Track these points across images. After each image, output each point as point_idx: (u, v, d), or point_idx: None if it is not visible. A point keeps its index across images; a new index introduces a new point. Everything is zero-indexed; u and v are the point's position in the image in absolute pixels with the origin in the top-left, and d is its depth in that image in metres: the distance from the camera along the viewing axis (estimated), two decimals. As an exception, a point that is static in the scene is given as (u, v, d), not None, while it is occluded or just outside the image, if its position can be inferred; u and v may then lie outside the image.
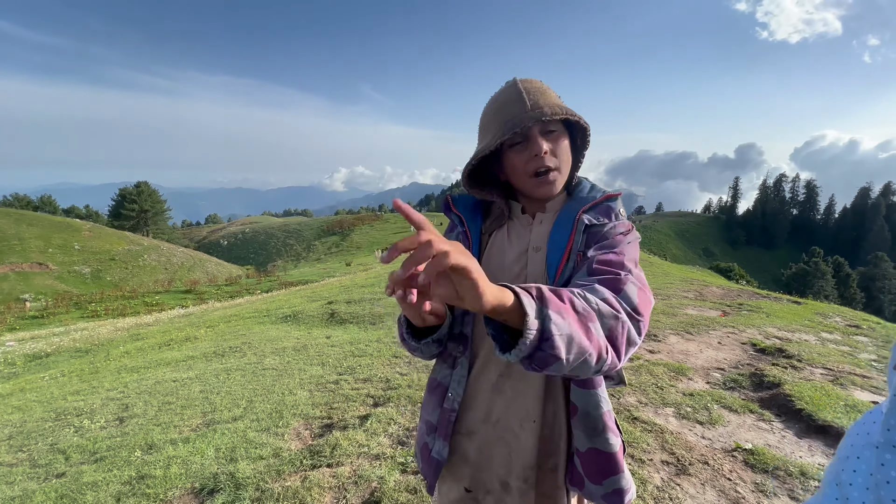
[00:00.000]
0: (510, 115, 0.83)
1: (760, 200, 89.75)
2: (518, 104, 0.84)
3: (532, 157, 0.85)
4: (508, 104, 0.85)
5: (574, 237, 0.86)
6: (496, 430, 0.91)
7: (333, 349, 4.86)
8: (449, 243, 0.50)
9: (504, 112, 0.85)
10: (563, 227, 0.89)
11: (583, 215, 0.88)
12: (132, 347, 7.22)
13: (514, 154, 0.87)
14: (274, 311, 8.68)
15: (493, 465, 0.92)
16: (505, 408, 0.90)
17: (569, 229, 0.88)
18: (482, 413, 0.91)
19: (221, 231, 67.95)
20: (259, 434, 2.73)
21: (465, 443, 0.94)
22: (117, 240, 34.21)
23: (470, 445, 0.93)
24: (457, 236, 0.98)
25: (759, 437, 2.59)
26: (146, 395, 3.93)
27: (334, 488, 2.09)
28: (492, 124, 0.87)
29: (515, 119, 0.82)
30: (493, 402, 0.91)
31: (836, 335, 5.11)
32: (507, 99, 0.86)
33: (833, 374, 3.56)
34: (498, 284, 0.57)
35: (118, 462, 2.54)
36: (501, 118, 0.85)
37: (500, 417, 0.91)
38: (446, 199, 1.00)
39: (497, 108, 0.87)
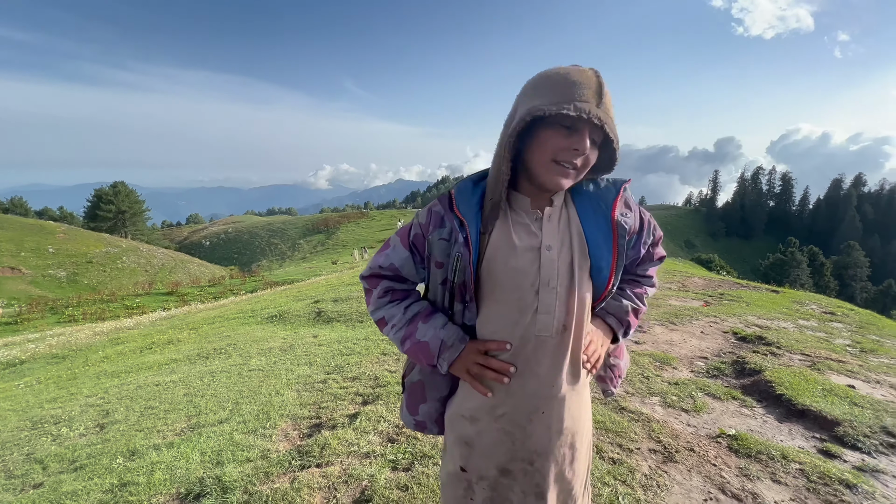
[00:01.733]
0: (581, 96, 0.79)
1: (739, 193, 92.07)
2: (593, 94, 0.80)
3: (569, 148, 0.82)
4: (583, 87, 0.80)
5: (618, 244, 0.91)
6: (499, 423, 0.93)
7: (321, 348, 4.81)
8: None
9: (576, 90, 0.79)
10: (597, 228, 0.91)
11: (620, 216, 0.92)
12: (112, 352, 7.02)
13: (551, 132, 0.82)
14: (259, 311, 8.54)
15: (494, 453, 0.93)
16: (513, 406, 0.92)
17: (605, 232, 0.91)
18: (488, 405, 0.93)
19: (203, 231, 66.50)
20: (246, 436, 2.68)
21: (466, 426, 0.95)
22: (94, 242, 33.18)
23: (471, 429, 0.95)
24: (450, 241, 0.91)
25: (742, 422, 2.66)
26: (127, 400, 3.83)
27: (324, 488, 2.06)
28: (555, 90, 0.80)
29: (585, 105, 0.78)
30: (500, 398, 0.92)
31: (812, 322, 5.27)
32: (584, 81, 0.81)
33: (810, 359, 3.67)
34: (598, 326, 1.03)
35: (99, 470, 2.47)
36: (571, 92, 0.79)
37: (507, 412, 0.92)
38: (448, 197, 0.93)
39: (569, 82, 0.80)
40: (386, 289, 0.99)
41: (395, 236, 1.00)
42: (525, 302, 0.87)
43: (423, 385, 1.03)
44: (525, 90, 0.85)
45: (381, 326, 1.01)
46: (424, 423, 1.06)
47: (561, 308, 0.88)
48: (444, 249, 0.91)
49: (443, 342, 0.92)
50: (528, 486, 0.93)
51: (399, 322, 0.96)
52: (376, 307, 1.00)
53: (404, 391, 1.10)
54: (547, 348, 0.88)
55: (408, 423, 1.09)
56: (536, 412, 0.90)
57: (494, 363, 0.88)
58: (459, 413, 0.97)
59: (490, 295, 0.90)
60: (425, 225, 0.95)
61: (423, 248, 0.95)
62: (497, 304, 0.90)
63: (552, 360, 0.89)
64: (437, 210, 0.95)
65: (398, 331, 0.96)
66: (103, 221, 47.19)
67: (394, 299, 0.99)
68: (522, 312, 0.87)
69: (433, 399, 1.03)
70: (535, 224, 0.89)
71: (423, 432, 1.09)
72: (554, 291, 0.87)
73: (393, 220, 56.22)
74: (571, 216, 0.92)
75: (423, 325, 0.94)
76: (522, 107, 0.82)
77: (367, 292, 1.03)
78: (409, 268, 0.98)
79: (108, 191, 49.48)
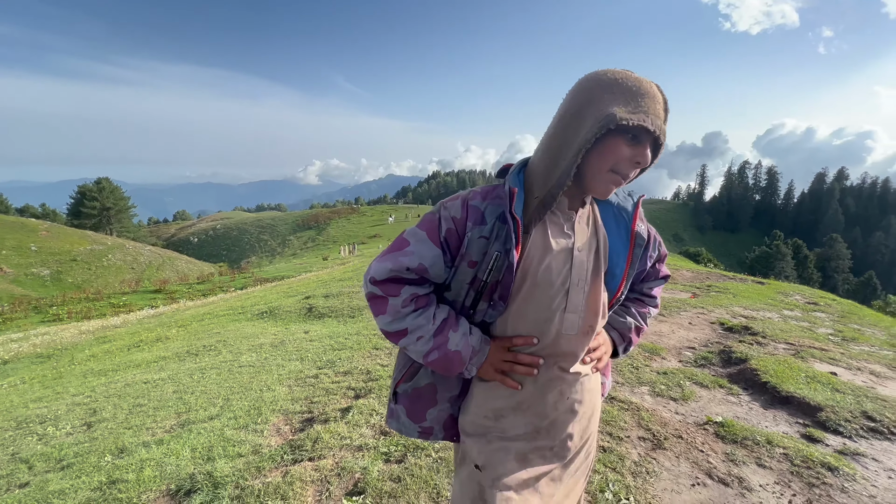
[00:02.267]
0: (652, 110, 0.78)
1: (726, 187, 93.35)
2: (662, 109, 0.80)
3: (631, 160, 0.80)
4: (655, 100, 0.79)
5: (633, 253, 0.94)
6: (526, 416, 0.93)
7: (312, 343, 4.78)
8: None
9: (650, 102, 0.78)
10: (617, 236, 0.94)
11: (638, 228, 0.94)
12: (99, 350, 6.91)
13: (618, 141, 0.79)
14: (249, 307, 8.47)
15: (516, 441, 0.93)
16: (539, 398, 0.93)
17: (624, 241, 0.94)
18: (514, 401, 0.93)
19: (191, 228, 65.56)
20: (237, 432, 2.66)
21: (489, 423, 0.94)
22: (78, 239, 32.50)
23: (494, 426, 0.94)
24: (489, 240, 0.86)
25: (729, 410, 2.71)
26: (115, 398, 3.77)
27: (317, 481, 2.06)
28: (631, 99, 0.77)
29: (658, 120, 0.78)
30: (526, 392, 0.92)
31: (796, 312, 5.39)
32: (654, 95, 0.79)
33: (794, 348, 3.76)
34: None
35: (87, 468, 2.43)
36: (646, 104, 0.78)
37: (533, 405, 0.93)
38: (510, 195, 0.84)
39: (642, 93, 0.78)
40: (412, 296, 0.88)
41: (415, 232, 0.89)
42: (555, 301, 0.87)
43: (434, 388, 0.98)
44: (591, 90, 0.80)
45: (399, 338, 0.90)
46: (431, 428, 1.01)
47: (587, 308, 0.90)
48: (482, 248, 0.86)
49: (473, 349, 0.89)
50: (546, 469, 0.94)
51: (427, 333, 0.88)
52: (397, 317, 0.88)
53: (397, 400, 1.02)
54: (571, 346, 0.90)
55: (407, 432, 1.02)
56: (561, 400, 0.93)
57: (524, 358, 0.89)
58: (482, 415, 0.94)
59: (521, 294, 0.87)
60: (461, 220, 0.87)
61: (458, 245, 0.87)
62: (527, 302, 0.88)
63: (575, 355, 0.91)
64: (476, 205, 0.87)
65: (425, 342, 0.88)
66: (87, 219, 46.21)
67: (418, 307, 0.89)
68: (552, 311, 0.87)
69: (444, 401, 0.99)
70: (568, 224, 0.89)
71: (426, 440, 1.03)
72: (582, 291, 0.89)
73: (384, 216, 55.98)
74: (597, 220, 0.94)
75: (454, 333, 0.88)
76: (595, 109, 0.78)
77: (379, 300, 0.89)
78: (439, 268, 0.88)
79: (93, 187, 48.41)
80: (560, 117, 0.83)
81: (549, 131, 0.86)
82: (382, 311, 0.89)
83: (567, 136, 0.81)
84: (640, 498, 1.89)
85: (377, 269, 0.88)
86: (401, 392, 1.01)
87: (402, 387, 1.01)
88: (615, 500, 1.87)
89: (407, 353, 0.93)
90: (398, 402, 1.02)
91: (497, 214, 0.86)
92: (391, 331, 0.89)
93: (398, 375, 1.02)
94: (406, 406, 1.01)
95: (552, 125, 0.85)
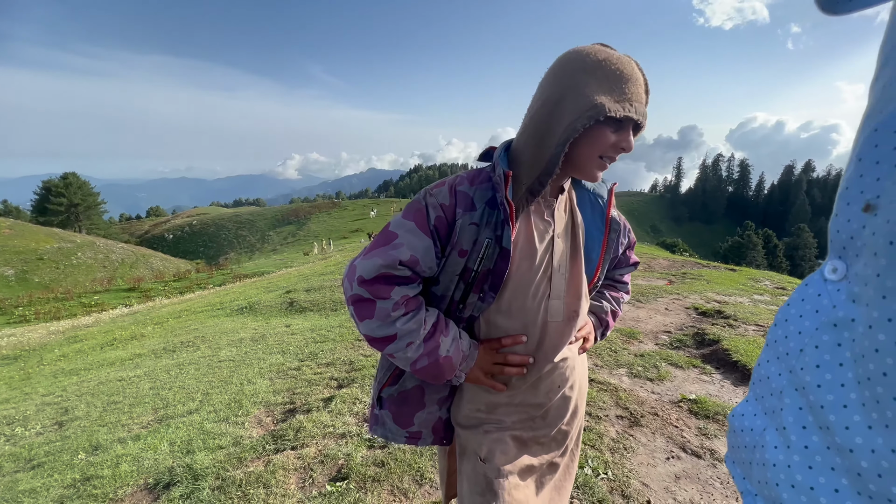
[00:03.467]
0: (637, 97, 0.76)
1: (701, 179, 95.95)
2: (642, 92, 0.77)
3: (617, 145, 0.78)
4: (637, 84, 0.76)
5: (608, 238, 0.96)
6: (518, 407, 0.93)
7: (294, 337, 4.73)
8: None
9: (633, 87, 0.75)
10: (592, 222, 0.95)
11: (613, 214, 0.96)
12: (69, 350, 6.67)
13: (604, 128, 0.76)
14: (228, 303, 8.30)
15: (513, 429, 0.93)
16: (531, 390, 0.93)
17: (600, 226, 0.95)
18: (506, 395, 0.93)
19: (166, 224, 63.55)
20: (217, 425, 2.62)
21: (482, 416, 0.94)
22: (44, 237, 31.11)
23: (489, 417, 0.94)
24: (479, 226, 0.82)
25: (702, 388, 2.82)
26: (88, 396, 3.66)
27: (300, 469, 2.05)
28: (614, 85, 0.74)
29: (641, 106, 0.77)
30: (516, 386, 0.92)
31: (765, 297, 5.60)
32: (636, 78, 0.76)
33: (763, 329, 3.91)
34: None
35: (59, 466, 2.36)
36: (629, 90, 0.75)
37: (525, 397, 0.92)
38: (504, 178, 0.79)
39: (625, 77, 0.75)
40: (403, 298, 0.81)
41: (402, 223, 0.83)
42: (539, 288, 0.86)
43: (421, 391, 0.94)
44: (574, 73, 0.76)
45: (386, 344, 0.82)
46: (420, 433, 0.97)
47: (569, 293, 0.89)
48: (472, 235, 0.82)
49: (463, 354, 0.86)
50: (544, 455, 0.95)
51: (417, 338, 0.82)
52: (386, 322, 0.80)
53: (382, 405, 0.97)
54: (558, 333, 0.89)
55: (394, 438, 0.98)
56: (553, 389, 0.92)
57: (515, 358, 0.87)
58: (475, 408, 0.93)
59: (507, 283, 0.84)
60: (449, 207, 0.82)
61: (448, 234, 0.83)
62: (512, 291, 0.85)
63: (562, 342, 0.90)
64: (465, 190, 0.83)
65: (415, 349, 0.82)
66: (54, 215, 44.30)
67: (409, 310, 0.82)
68: (536, 299, 0.86)
69: (433, 403, 0.95)
70: (548, 211, 0.88)
71: (414, 444, 0.99)
72: (563, 277, 0.88)
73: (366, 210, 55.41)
74: (573, 205, 0.94)
75: (444, 338, 0.84)
76: (580, 96, 0.74)
77: (365, 304, 0.81)
78: (430, 259, 0.82)
79: (59, 183, 46.36)
80: (543, 102, 0.79)
81: (531, 114, 0.82)
82: (369, 316, 0.81)
83: (551, 122, 0.78)
84: (617, 472, 1.95)
85: (365, 266, 0.80)
86: (386, 396, 0.96)
87: (386, 391, 0.96)
88: (594, 475, 1.92)
89: (392, 360, 0.86)
90: (383, 408, 0.97)
91: (486, 199, 0.83)
92: (377, 336, 0.82)
93: (382, 379, 0.96)
94: (392, 411, 0.96)
95: (534, 108, 0.81)
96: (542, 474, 0.93)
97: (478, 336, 0.91)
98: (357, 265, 0.82)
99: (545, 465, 0.94)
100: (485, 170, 0.88)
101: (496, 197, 0.82)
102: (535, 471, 0.92)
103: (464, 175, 0.87)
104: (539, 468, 0.93)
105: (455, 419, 0.96)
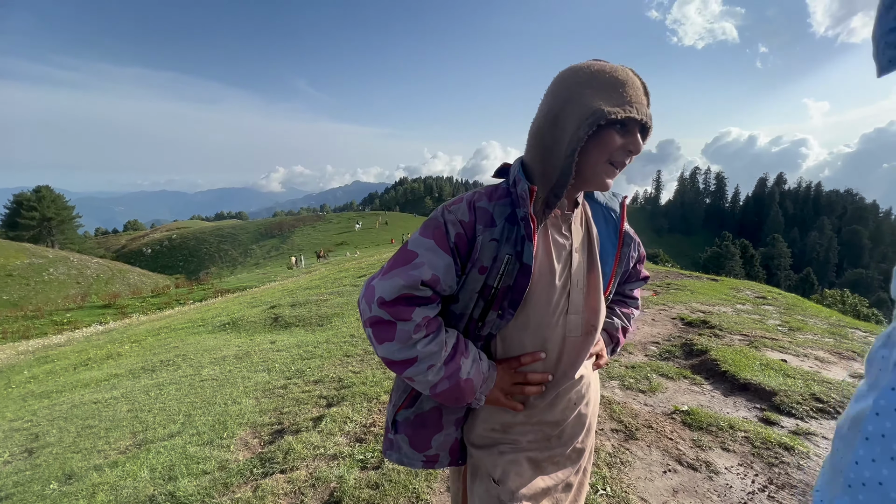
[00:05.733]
0: (636, 98, 0.76)
1: (679, 191, 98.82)
2: (641, 94, 0.78)
3: (624, 149, 0.78)
4: (636, 88, 0.77)
5: (622, 252, 0.96)
6: (535, 426, 0.91)
7: (279, 353, 4.61)
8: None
9: (631, 91, 0.76)
10: (606, 236, 0.95)
11: (626, 228, 0.96)
12: (40, 371, 6.35)
13: (611, 132, 0.76)
14: (210, 319, 8.06)
15: (529, 450, 0.91)
16: (549, 408, 0.91)
17: (613, 240, 0.95)
18: (523, 414, 0.90)
19: (144, 238, 61.91)
20: (201, 448, 2.51)
21: (497, 436, 0.92)
22: (14, 252, 29.89)
23: (504, 438, 0.92)
24: (500, 242, 0.81)
25: (693, 399, 2.84)
26: (60, 420, 3.47)
27: (290, 493, 1.97)
28: (613, 91, 0.75)
29: (641, 108, 0.76)
30: (534, 404, 0.90)
31: (748, 306, 5.73)
32: (633, 82, 0.77)
33: (748, 338, 3.99)
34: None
35: (29, 498, 2.22)
36: (628, 94, 0.75)
37: (543, 416, 0.91)
38: (529, 192, 0.79)
39: (621, 82, 0.76)
40: (424, 319, 0.79)
41: (421, 242, 0.81)
42: (559, 303, 0.85)
43: (439, 412, 0.92)
44: (570, 87, 0.77)
45: (406, 367, 0.80)
46: (437, 456, 0.94)
47: (587, 308, 0.88)
48: (492, 252, 0.81)
49: (484, 376, 0.84)
50: (559, 474, 0.93)
51: (438, 361, 0.80)
52: (407, 344, 0.78)
53: (397, 429, 0.94)
54: (576, 348, 0.88)
55: (410, 463, 0.94)
56: (570, 406, 0.91)
57: (535, 376, 0.85)
58: (490, 428, 0.90)
59: (527, 299, 0.83)
60: (469, 224, 0.81)
61: (468, 251, 0.81)
62: (531, 307, 0.83)
63: (581, 358, 0.89)
64: (485, 206, 0.82)
65: (436, 372, 0.80)
66: (25, 230, 42.72)
67: (429, 332, 0.80)
68: (555, 314, 0.85)
69: (450, 425, 0.93)
70: (566, 225, 0.87)
71: (430, 468, 0.96)
72: (581, 292, 0.87)
73: (351, 223, 55.08)
74: (589, 219, 0.94)
75: (465, 360, 0.82)
76: (578, 106, 0.75)
77: (385, 326, 0.79)
78: (451, 278, 0.81)
79: (31, 196, 44.85)
80: (544, 115, 0.80)
81: (534, 131, 0.83)
82: (389, 338, 0.78)
83: (555, 134, 0.78)
84: (616, 488, 1.93)
85: (385, 287, 0.78)
86: (401, 420, 0.93)
87: (402, 414, 0.93)
88: (593, 491, 1.90)
89: (411, 384, 0.84)
90: (399, 432, 0.94)
91: (506, 215, 0.82)
92: (397, 360, 0.80)
93: (398, 401, 0.94)
94: (408, 434, 0.93)
95: (537, 124, 0.82)
96: (556, 496, 0.91)
97: (494, 354, 0.89)
98: (376, 286, 0.80)
99: (560, 486, 0.92)
100: (501, 185, 0.87)
101: (516, 212, 0.81)
102: (550, 493, 0.89)
103: (481, 191, 0.86)
104: (554, 489, 0.90)
105: (468, 439, 0.94)
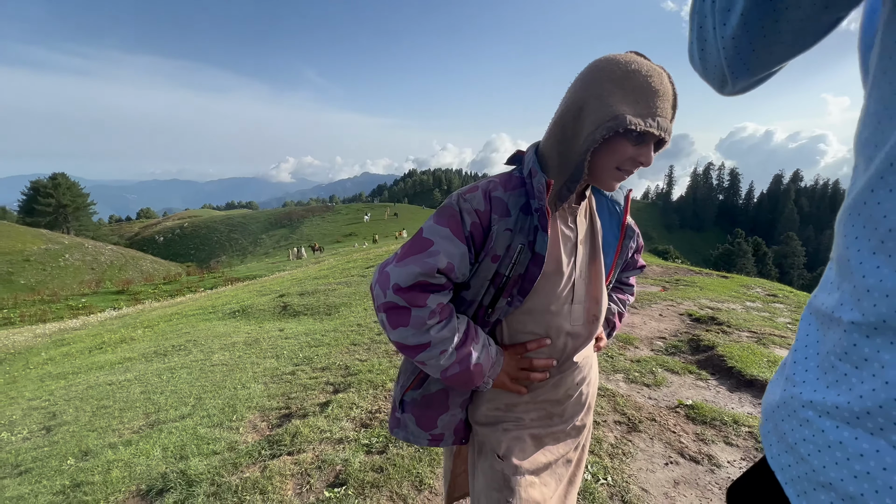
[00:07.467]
0: (664, 111, 0.74)
1: (692, 187, 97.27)
2: (671, 107, 0.75)
3: (635, 159, 0.77)
4: (665, 99, 0.74)
5: (623, 244, 0.98)
6: (538, 405, 0.95)
7: (288, 341, 4.68)
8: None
9: (659, 102, 0.73)
10: (609, 228, 0.97)
11: (629, 221, 0.98)
12: (57, 353, 6.53)
13: (624, 140, 0.75)
14: (220, 307, 8.20)
15: (532, 426, 0.95)
16: (552, 390, 0.94)
17: (615, 233, 0.98)
18: (528, 395, 0.94)
19: (156, 226, 62.87)
20: (211, 430, 2.58)
21: (501, 415, 0.95)
22: (31, 238, 30.59)
23: (508, 416, 0.95)
24: (514, 232, 0.81)
25: (698, 393, 2.83)
26: (77, 401, 3.58)
27: (297, 475, 2.03)
28: (640, 99, 0.72)
29: (664, 122, 0.74)
30: (537, 387, 0.94)
31: (757, 303, 5.67)
32: (665, 92, 0.74)
33: (757, 335, 3.96)
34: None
35: (47, 472, 2.30)
36: (655, 105, 0.72)
37: (547, 396, 0.94)
38: (545, 185, 0.79)
39: (653, 91, 0.73)
40: (438, 306, 0.81)
41: (436, 229, 0.81)
42: (563, 293, 0.87)
43: (446, 394, 0.94)
44: (601, 82, 0.74)
45: (418, 352, 0.82)
46: (442, 435, 0.97)
47: (589, 298, 0.91)
48: (506, 241, 0.82)
49: (492, 361, 0.86)
50: (560, 450, 0.97)
51: (451, 346, 0.81)
52: (421, 330, 0.80)
53: (405, 409, 0.97)
54: (579, 338, 0.91)
55: (416, 440, 0.98)
56: (572, 387, 0.95)
57: (540, 362, 0.88)
58: (494, 407, 0.93)
59: (536, 287, 0.85)
60: (485, 213, 0.81)
61: (483, 240, 0.82)
62: (539, 296, 0.86)
63: (583, 345, 0.93)
64: (500, 195, 0.82)
65: (448, 357, 0.81)
66: (42, 216, 43.64)
67: (443, 318, 0.82)
68: (559, 303, 0.87)
69: (456, 406, 0.96)
70: (572, 217, 0.89)
71: (436, 446, 1.00)
72: (584, 282, 0.90)
73: (360, 214, 55.31)
74: (593, 211, 0.96)
75: (476, 345, 0.84)
76: (603, 105, 0.73)
77: (399, 311, 0.80)
78: (465, 266, 0.82)
79: (47, 183, 45.71)
80: (568, 105, 0.78)
81: (556, 118, 0.81)
82: (403, 324, 0.80)
83: (575, 127, 0.77)
84: (617, 478, 1.95)
85: (401, 274, 0.79)
86: (409, 400, 0.97)
87: (410, 394, 0.96)
88: (594, 480, 1.92)
89: (422, 367, 0.86)
90: (406, 411, 0.97)
91: (520, 205, 0.82)
92: (410, 344, 0.81)
93: (405, 382, 0.97)
94: (415, 414, 0.96)
95: (559, 112, 0.80)
96: (557, 470, 0.95)
97: (499, 340, 0.91)
98: (391, 272, 0.81)
99: (560, 461, 0.95)
100: (514, 174, 0.87)
101: (530, 203, 0.82)
102: (551, 467, 0.94)
103: (496, 180, 0.86)
104: (555, 464, 0.94)
105: (473, 417, 0.97)
